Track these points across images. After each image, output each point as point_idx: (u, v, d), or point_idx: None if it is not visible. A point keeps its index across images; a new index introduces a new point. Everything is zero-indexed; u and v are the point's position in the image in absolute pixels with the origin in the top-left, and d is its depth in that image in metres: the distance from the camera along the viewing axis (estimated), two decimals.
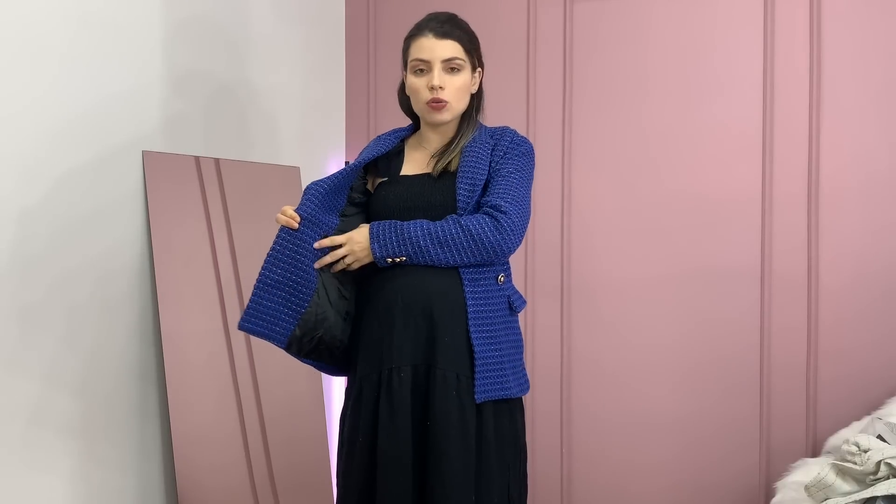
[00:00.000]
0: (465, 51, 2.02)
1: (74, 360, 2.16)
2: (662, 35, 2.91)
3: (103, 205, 2.25)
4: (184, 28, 2.52)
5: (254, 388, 2.60)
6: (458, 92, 2.01)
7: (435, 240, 1.92)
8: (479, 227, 1.92)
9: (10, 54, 1.98)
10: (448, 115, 2.02)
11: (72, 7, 2.14)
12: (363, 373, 1.97)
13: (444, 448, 1.89)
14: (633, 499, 2.96)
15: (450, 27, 2.01)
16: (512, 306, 2.02)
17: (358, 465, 1.95)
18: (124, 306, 2.31)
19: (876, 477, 1.87)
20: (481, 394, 1.93)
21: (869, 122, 2.69)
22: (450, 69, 1.99)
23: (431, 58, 1.98)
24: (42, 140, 2.06)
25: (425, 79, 1.99)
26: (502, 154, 2.03)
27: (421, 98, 2.00)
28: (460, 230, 1.92)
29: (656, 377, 2.93)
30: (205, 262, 2.52)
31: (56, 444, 2.11)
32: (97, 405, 2.23)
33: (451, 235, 1.92)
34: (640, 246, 2.94)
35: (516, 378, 2.01)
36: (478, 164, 2.01)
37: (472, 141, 2.04)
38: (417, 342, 1.94)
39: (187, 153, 2.53)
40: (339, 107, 3.30)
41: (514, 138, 2.07)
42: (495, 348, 1.97)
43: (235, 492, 2.51)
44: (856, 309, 2.70)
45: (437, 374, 1.92)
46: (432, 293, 1.94)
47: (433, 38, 1.99)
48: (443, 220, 1.95)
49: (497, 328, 1.98)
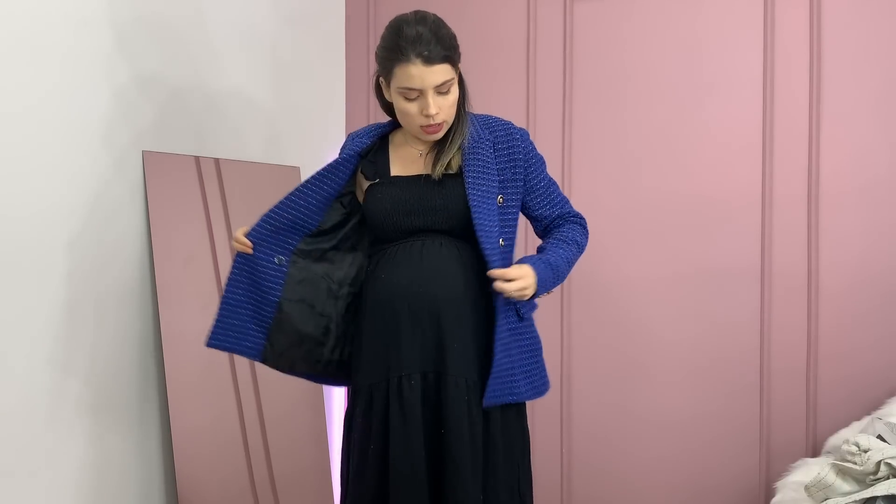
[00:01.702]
0: (453, 66, 1.92)
1: (74, 360, 2.16)
2: (662, 35, 2.91)
3: (103, 205, 2.24)
4: (184, 28, 2.52)
5: (254, 388, 2.60)
6: (452, 108, 1.94)
7: (569, 265, 2.06)
8: (582, 239, 2.10)
9: (10, 54, 1.98)
10: (442, 134, 1.97)
11: (72, 6, 2.14)
12: (372, 380, 1.95)
13: (459, 455, 1.88)
14: (633, 499, 2.96)
15: (435, 48, 1.85)
16: (519, 313, 1.99)
17: (371, 474, 1.94)
18: (124, 306, 2.31)
19: (876, 477, 1.87)
20: (490, 398, 1.91)
21: (869, 123, 2.69)
22: (440, 92, 1.90)
23: (423, 86, 1.87)
24: (42, 140, 2.06)
25: (417, 104, 1.90)
26: (523, 157, 2.02)
27: (414, 122, 1.92)
28: (577, 249, 2.08)
29: (656, 377, 2.93)
30: (205, 262, 2.52)
31: (56, 443, 2.11)
32: (97, 405, 2.22)
33: (574, 257, 2.07)
34: (640, 246, 2.93)
35: (529, 382, 1.99)
36: (486, 167, 1.97)
37: (472, 140, 1.99)
38: (426, 349, 1.92)
39: (187, 153, 2.52)
40: (339, 107, 3.30)
41: (515, 133, 2.04)
42: (504, 354, 1.94)
43: (235, 492, 2.51)
44: (856, 309, 2.70)
45: (448, 381, 1.91)
46: (440, 300, 1.92)
47: (422, 65, 1.84)
48: (562, 246, 2.05)
49: (504, 335, 1.94)
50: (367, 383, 1.96)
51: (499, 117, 2.07)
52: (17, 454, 2.01)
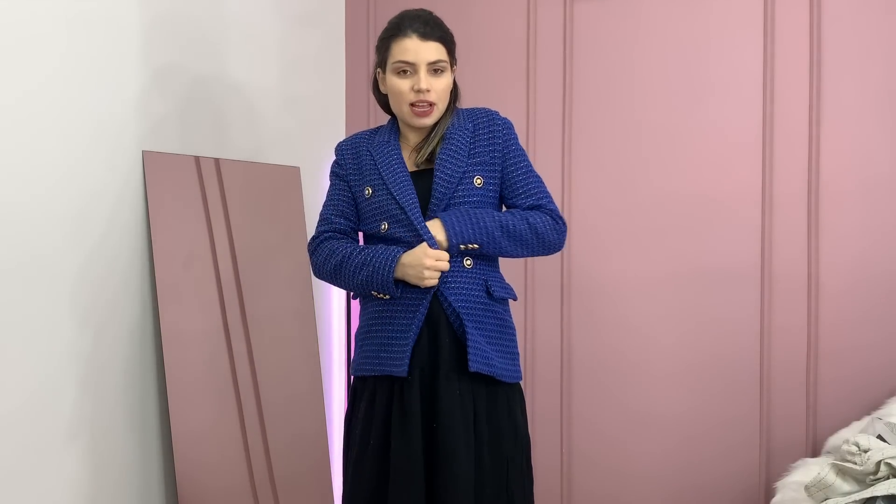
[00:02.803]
0: (448, 52, 2.01)
1: (74, 360, 2.16)
2: (662, 35, 2.91)
3: (103, 205, 2.25)
4: (184, 28, 2.52)
5: (254, 388, 2.60)
6: (443, 93, 2.01)
7: (505, 232, 1.98)
8: (543, 227, 2.02)
9: (10, 54, 1.98)
10: (432, 119, 2.02)
11: (73, 6, 2.14)
12: (374, 375, 2.01)
13: (453, 448, 1.91)
14: (632, 498, 2.96)
15: (433, 28, 1.98)
16: (489, 291, 2.01)
17: (370, 469, 1.97)
18: (124, 306, 2.31)
19: (876, 477, 1.87)
20: (473, 364, 1.94)
21: (869, 122, 2.69)
22: (434, 71, 1.98)
23: (417, 60, 1.96)
24: (42, 140, 2.06)
25: (410, 81, 1.97)
26: (502, 143, 2.04)
27: (405, 100, 1.98)
28: (527, 227, 2.00)
29: (656, 377, 2.93)
30: (205, 262, 2.52)
31: (56, 443, 2.11)
32: (97, 405, 2.22)
33: (520, 231, 1.99)
34: (640, 246, 2.93)
35: (503, 362, 2.01)
36: (456, 154, 2.01)
37: (451, 128, 2.04)
38: (421, 345, 1.97)
39: (187, 153, 2.52)
40: (339, 107, 3.30)
41: (497, 120, 2.07)
42: (476, 327, 1.96)
43: (235, 492, 2.51)
44: (856, 309, 2.70)
45: (440, 375, 1.95)
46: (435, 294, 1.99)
47: (417, 39, 1.96)
48: (507, 213, 2.01)
49: (475, 307, 1.98)
50: (372, 379, 2.01)
51: (495, 111, 2.10)
52: (16, 455, 2.01)
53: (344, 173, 2.11)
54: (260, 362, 2.63)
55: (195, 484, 2.39)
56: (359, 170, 2.08)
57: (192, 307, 2.45)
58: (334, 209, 2.11)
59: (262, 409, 2.62)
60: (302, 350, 2.84)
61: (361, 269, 1.98)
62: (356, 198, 2.09)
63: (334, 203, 2.12)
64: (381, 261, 1.96)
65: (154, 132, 2.41)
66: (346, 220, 2.10)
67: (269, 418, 2.63)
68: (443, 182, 1.99)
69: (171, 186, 2.43)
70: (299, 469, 2.75)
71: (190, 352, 2.42)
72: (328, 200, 2.14)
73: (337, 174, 2.13)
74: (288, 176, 2.90)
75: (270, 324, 2.71)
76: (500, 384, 2.00)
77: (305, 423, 2.81)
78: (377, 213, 2.03)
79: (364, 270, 1.98)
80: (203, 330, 2.49)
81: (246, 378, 2.58)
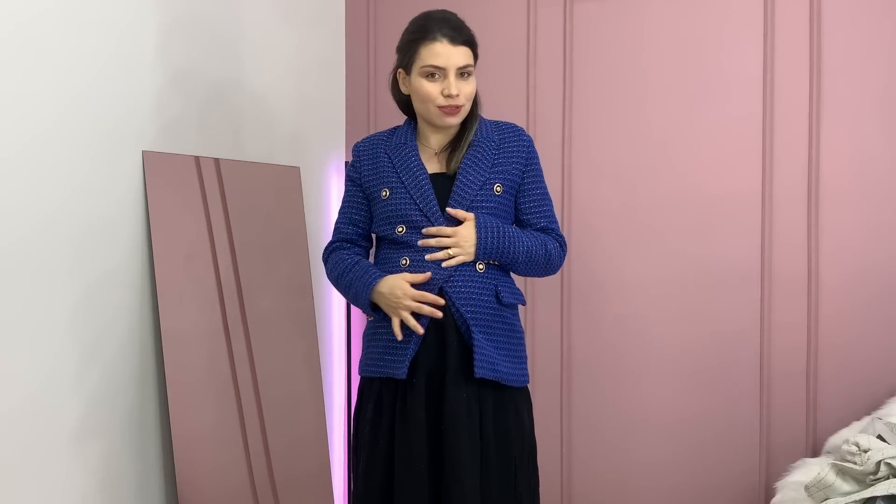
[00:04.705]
0: (474, 56, 2.05)
1: (74, 360, 2.16)
2: (663, 35, 2.91)
3: (103, 205, 2.24)
4: (184, 28, 2.52)
5: (254, 388, 2.60)
6: (470, 97, 2.05)
7: (528, 257, 2.03)
8: (556, 256, 2.10)
9: (10, 54, 1.97)
10: (459, 119, 2.06)
11: (72, 7, 2.14)
12: (381, 377, 2.03)
13: (458, 453, 1.92)
14: (633, 499, 2.96)
15: (461, 32, 2.02)
16: (499, 296, 2.03)
17: (379, 469, 1.99)
18: (124, 306, 2.31)
19: (876, 477, 1.87)
20: (479, 370, 1.95)
21: (869, 122, 2.69)
22: (461, 74, 2.01)
23: (447, 65, 1.99)
24: (42, 140, 2.06)
25: (439, 85, 2.00)
26: (525, 158, 2.09)
27: (434, 103, 2.01)
28: (544, 253, 2.06)
29: (656, 377, 2.93)
30: (205, 262, 2.52)
31: (55, 444, 2.11)
32: (97, 405, 2.22)
33: (538, 257, 2.05)
34: (640, 246, 2.94)
35: (510, 366, 2.02)
36: (481, 162, 2.04)
37: (478, 136, 2.07)
38: (429, 348, 1.98)
39: (187, 153, 2.52)
40: (339, 107, 3.30)
41: (524, 135, 2.13)
42: (483, 332, 1.98)
43: (235, 492, 2.51)
44: (856, 308, 2.71)
45: (448, 379, 1.96)
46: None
47: (448, 44, 1.99)
48: (531, 238, 2.05)
49: (484, 313, 1.99)
50: (379, 380, 2.03)
51: (521, 128, 2.17)
52: (16, 455, 2.01)
53: (358, 176, 2.13)
54: (260, 362, 2.63)
55: (195, 484, 2.39)
56: (375, 171, 2.10)
57: (192, 307, 2.45)
58: (345, 217, 2.17)
59: (262, 410, 2.62)
60: (302, 350, 2.84)
61: (348, 291, 2.09)
62: (371, 200, 2.10)
63: (345, 210, 2.17)
64: (359, 286, 2.03)
65: (154, 132, 2.41)
66: (356, 227, 2.15)
67: (269, 419, 2.63)
68: (464, 186, 2.01)
69: (171, 186, 2.43)
70: (300, 470, 2.75)
71: (190, 352, 2.42)
72: (341, 207, 2.19)
73: (351, 178, 2.16)
74: (288, 176, 2.90)
75: (270, 324, 2.71)
76: (508, 388, 2.01)
77: (306, 424, 2.81)
78: (393, 215, 2.04)
79: (349, 292, 2.08)
80: (203, 330, 2.49)
81: (246, 378, 2.58)
